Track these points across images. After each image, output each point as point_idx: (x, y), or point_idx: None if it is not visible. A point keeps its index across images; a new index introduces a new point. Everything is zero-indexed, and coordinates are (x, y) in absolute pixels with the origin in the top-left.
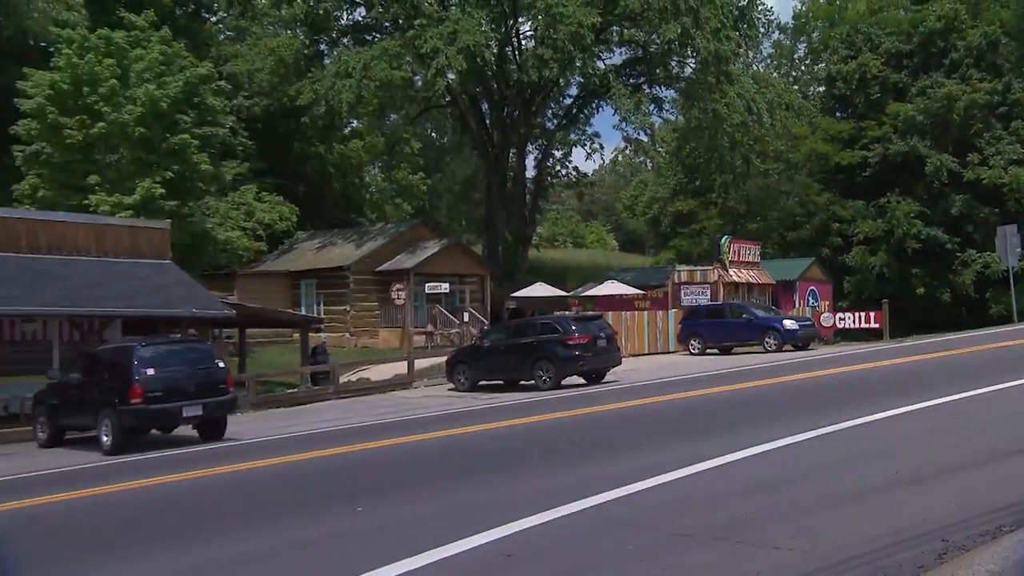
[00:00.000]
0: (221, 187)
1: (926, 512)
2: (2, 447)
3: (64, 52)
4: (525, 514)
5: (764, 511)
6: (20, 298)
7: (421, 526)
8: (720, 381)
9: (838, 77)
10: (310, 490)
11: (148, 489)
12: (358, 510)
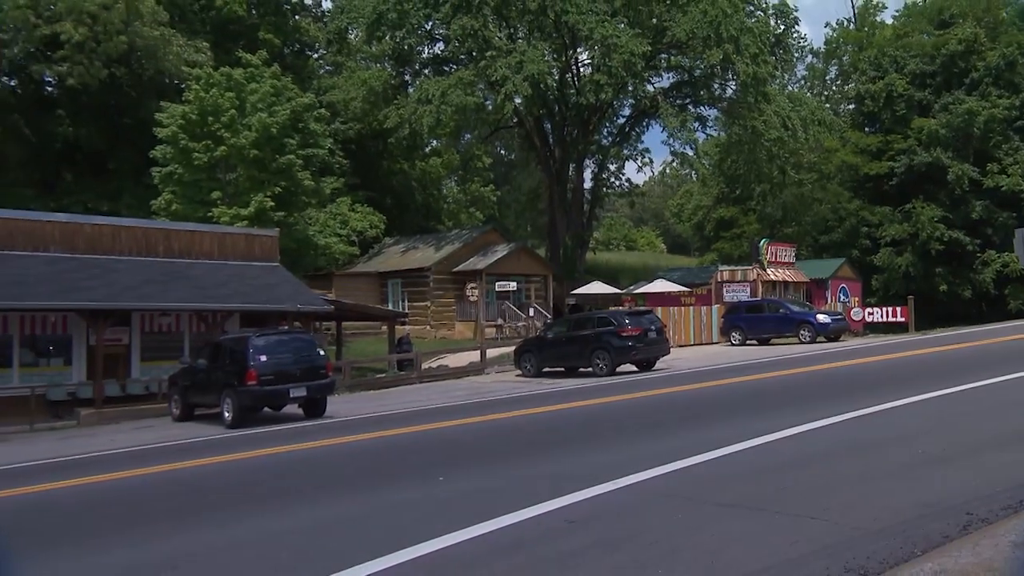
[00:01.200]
0: (321, 200)
1: (951, 488)
2: (144, 420)
3: (193, 88)
4: (586, 486)
5: (802, 485)
6: (157, 295)
7: (494, 495)
8: (760, 369)
9: (866, 96)
10: (398, 462)
11: (263, 458)
12: (439, 480)
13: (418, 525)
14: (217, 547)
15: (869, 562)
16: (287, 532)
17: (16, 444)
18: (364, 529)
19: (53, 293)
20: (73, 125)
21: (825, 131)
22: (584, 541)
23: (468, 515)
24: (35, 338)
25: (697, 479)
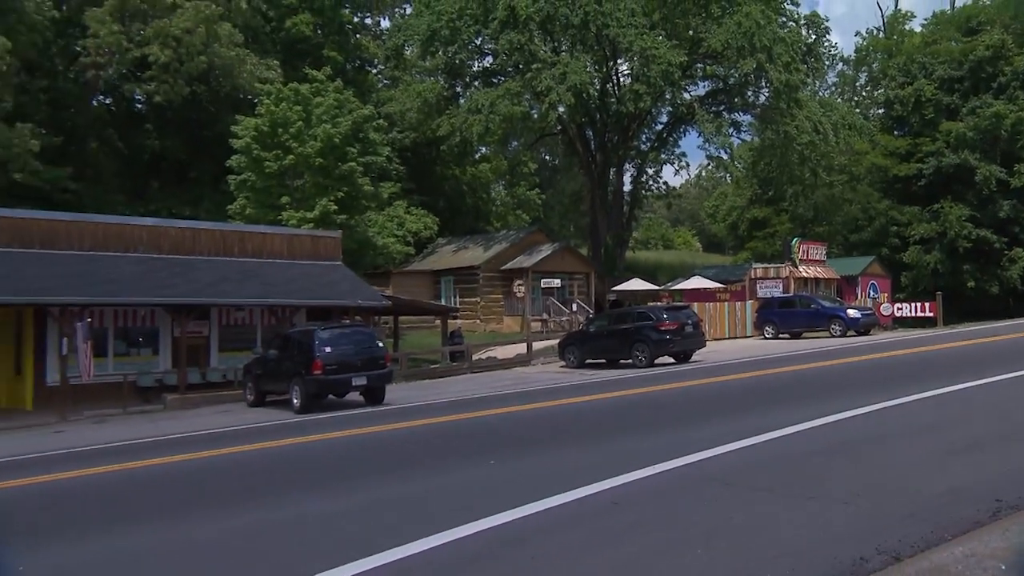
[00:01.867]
0: (379, 203)
1: (981, 476)
2: (222, 405)
3: (264, 102)
4: (629, 469)
5: (833, 472)
6: (233, 292)
7: (543, 478)
8: (792, 361)
9: (895, 101)
10: (452, 446)
11: (329, 441)
12: (491, 463)
13: (473, 505)
14: (288, 521)
15: (900, 545)
16: (352, 509)
17: (112, 425)
18: (422, 507)
19: (142, 290)
20: (159, 138)
21: (855, 135)
22: (628, 520)
23: (519, 496)
24: (127, 330)
25: (732, 465)
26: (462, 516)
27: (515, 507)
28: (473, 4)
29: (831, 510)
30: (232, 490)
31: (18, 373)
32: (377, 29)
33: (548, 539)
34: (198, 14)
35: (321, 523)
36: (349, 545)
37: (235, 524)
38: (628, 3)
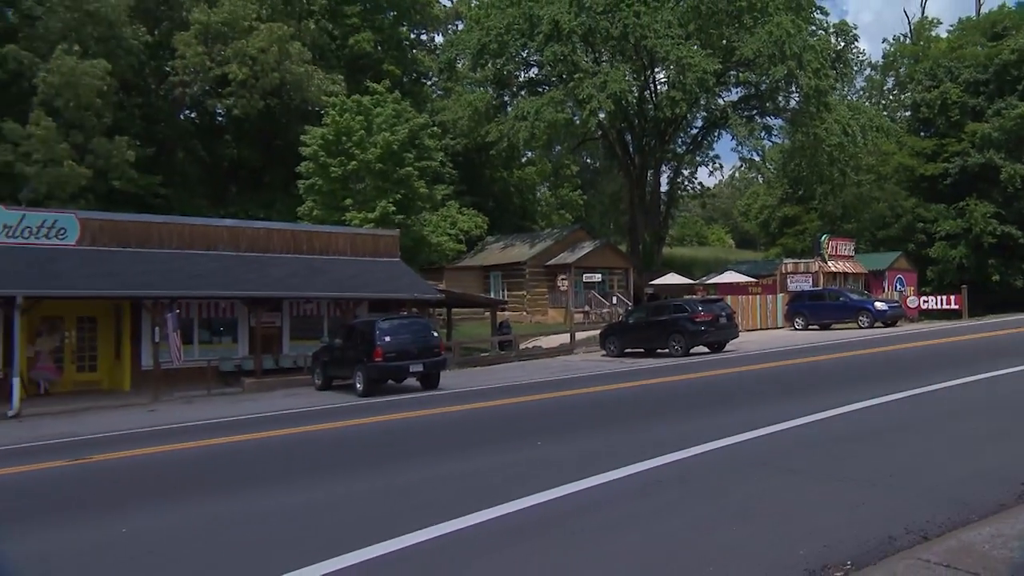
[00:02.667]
0: (433, 204)
1: (1007, 460)
2: (293, 389)
3: (330, 113)
4: (670, 451)
5: (863, 456)
6: (302, 286)
7: (587, 459)
8: (821, 351)
9: (922, 104)
10: (502, 428)
11: (389, 422)
12: (537, 444)
13: (521, 482)
14: (359, 493)
15: (928, 525)
16: (412, 484)
17: (198, 405)
18: (475, 484)
19: (223, 284)
20: (237, 148)
21: (883, 136)
22: (669, 497)
23: (566, 475)
24: (210, 320)
25: (766, 448)
26: (512, 492)
27: (562, 484)
28: (520, 19)
29: (861, 491)
30: (309, 465)
31: (117, 358)
32: (432, 44)
33: (593, 514)
34: (272, 35)
35: (387, 495)
36: (423, 513)
37: (316, 495)
38: (665, 15)
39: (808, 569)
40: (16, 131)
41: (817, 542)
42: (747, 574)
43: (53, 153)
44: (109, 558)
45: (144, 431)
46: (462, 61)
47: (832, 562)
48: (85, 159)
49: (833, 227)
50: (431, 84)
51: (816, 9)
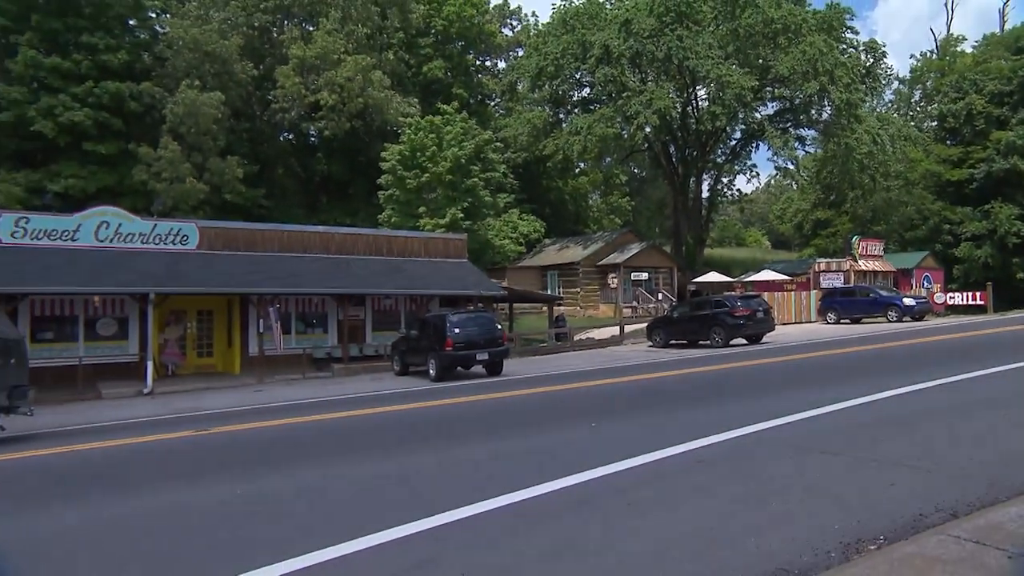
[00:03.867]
0: (497, 211)
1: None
2: (375, 374)
3: (406, 132)
4: (712, 433)
5: (895, 440)
6: (383, 284)
7: (637, 440)
8: (854, 343)
9: (948, 114)
10: (559, 411)
11: (460, 404)
12: (592, 425)
13: (579, 459)
14: (440, 465)
15: (958, 504)
16: (484, 459)
17: (296, 387)
18: (538, 460)
19: (315, 283)
20: (327, 164)
21: (910, 145)
22: (712, 476)
23: (618, 453)
24: (305, 313)
25: (802, 432)
26: (572, 467)
27: (617, 461)
28: (574, 45)
29: (894, 472)
30: (397, 439)
31: (229, 345)
32: (495, 69)
33: (642, 489)
34: (357, 65)
35: (460, 468)
36: (495, 483)
37: (393, 467)
38: (705, 38)
39: (843, 542)
40: (149, 154)
41: (851, 518)
42: (786, 544)
43: (178, 172)
44: (227, 511)
45: (253, 408)
46: (522, 83)
47: (865, 537)
48: (203, 176)
49: (863, 229)
50: (494, 104)
51: (846, 29)
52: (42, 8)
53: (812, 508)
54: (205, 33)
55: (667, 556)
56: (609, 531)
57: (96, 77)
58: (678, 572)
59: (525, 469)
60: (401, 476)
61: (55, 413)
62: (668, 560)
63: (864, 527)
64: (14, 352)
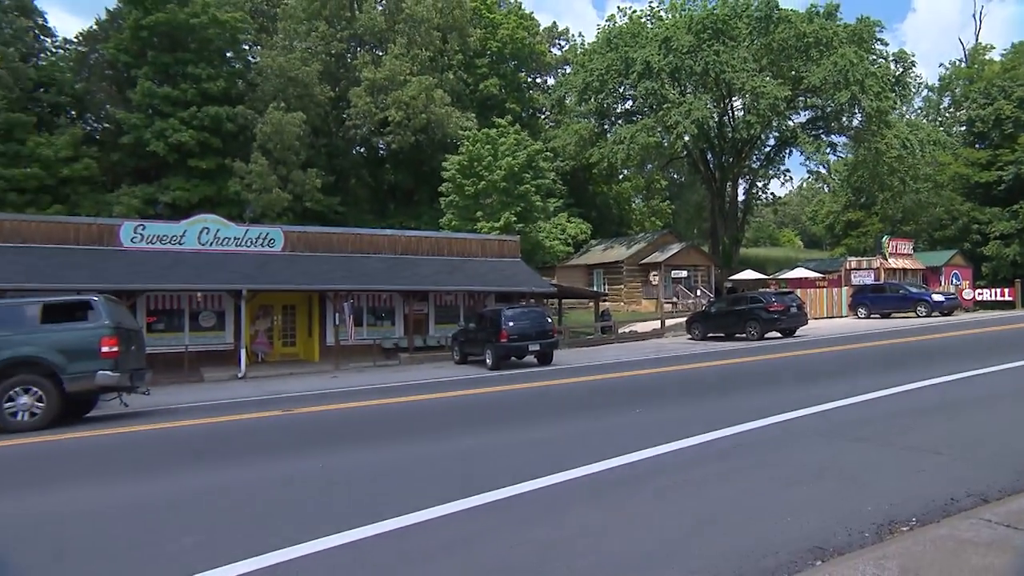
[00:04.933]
0: (547, 215)
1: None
2: (437, 363)
3: (465, 144)
4: (748, 420)
5: (925, 428)
6: (444, 281)
7: (679, 425)
8: (885, 336)
9: (977, 119)
10: (606, 398)
11: (514, 391)
12: (636, 411)
13: (625, 441)
14: (495, 446)
15: (988, 490)
16: (538, 440)
17: (367, 374)
18: (586, 442)
19: (384, 280)
20: (394, 174)
21: (939, 149)
22: (748, 461)
23: (661, 437)
24: (375, 308)
25: (833, 420)
26: (618, 449)
27: (659, 445)
28: (617, 62)
29: (925, 459)
30: (461, 420)
31: (309, 336)
32: (544, 85)
33: (683, 471)
34: (420, 85)
35: (517, 449)
36: (545, 463)
37: (456, 446)
38: (741, 53)
39: (875, 523)
40: (242, 168)
41: (883, 501)
42: (820, 524)
43: (265, 183)
44: (308, 482)
45: (331, 391)
46: (569, 98)
47: (898, 519)
48: (287, 187)
49: (893, 229)
50: (544, 117)
51: (876, 41)
52: (156, 46)
53: (845, 491)
54: (289, 61)
55: (708, 531)
56: (654, 508)
57: (199, 103)
58: (718, 545)
59: (575, 450)
60: (464, 453)
61: (167, 393)
62: (708, 534)
63: (896, 510)
64: (134, 340)
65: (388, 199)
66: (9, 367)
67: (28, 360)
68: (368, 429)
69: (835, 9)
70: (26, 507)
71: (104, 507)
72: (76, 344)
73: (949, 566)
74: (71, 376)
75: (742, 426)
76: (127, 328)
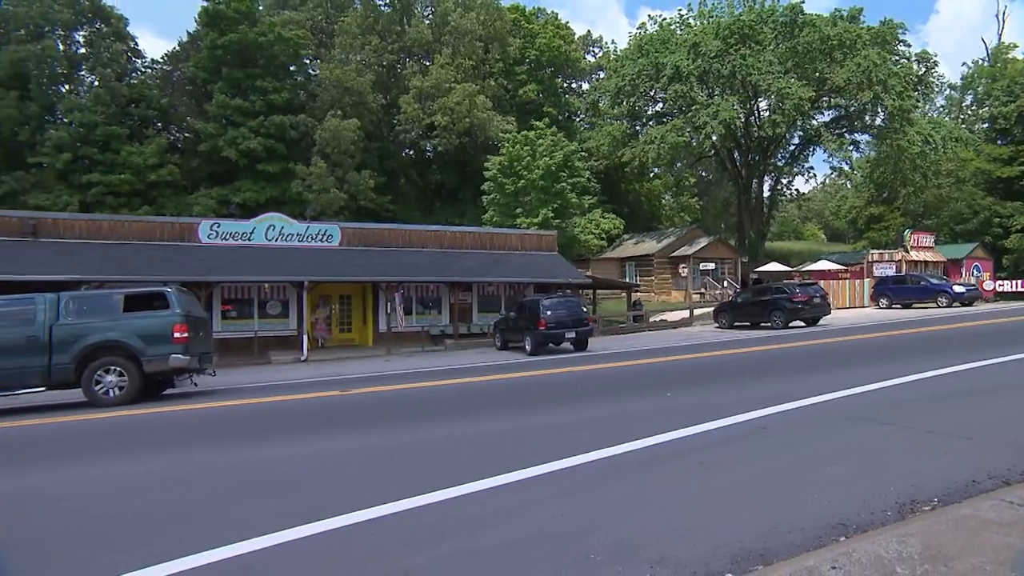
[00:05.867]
0: (582, 211)
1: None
2: (480, 349)
3: (505, 146)
4: (774, 404)
5: (948, 414)
6: (487, 273)
7: (709, 408)
8: (906, 326)
9: (999, 116)
10: (638, 381)
11: (552, 375)
12: (668, 395)
13: (656, 423)
14: (535, 427)
15: (1009, 473)
16: (573, 422)
17: (416, 358)
18: (622, 423)
19: (431, 272)
20: (440, 174)
21: (961, 145)
22: (775, 441)
23: (691, 419)
24: (423, 297)
25: (859, 404)
26: (651, 430)
27: (690, 426)
28: (648, 67)
29: (948, 443)
30: (502, 401)
31: (364, 323)
32: (579, 90)
33: (713, 451)
34: (464, 92)
35: (559, 429)
36: (584, 443)
37: (506, 425)
38: (767, 56)
39: (898, 503)
40: (303, 171)
41: (906, 482)
42: (844, 502)
43: (324, 184)
44: (369, 456)
45: (384, 374)
46: (603, 101)
47: (920, 499)
48: (343, 187)
49: (915, 223)
50: (579, 120)
51: (899, 42)
52: (230, 62)
53: (868, 472)
54: (345, 73)
55: (736, 506)
56: (684, 485)
57: (266, 112)
58: (746, 519)
59: (612, 431)
60: (509, 432)
61: (240, 374)
62: (736, 509)
63: (918, 490)
64: (202, 327)
65: (434, 197)
66: (96, 350)
67: (113, 344)
68: (420, 408)
69: (858, 13)
70: (112, 472)
71: (188, 473)
72: (153, 330)
73: (971, 544)
74: (148, 358)
75: (767, 409)
76: (196, 316)
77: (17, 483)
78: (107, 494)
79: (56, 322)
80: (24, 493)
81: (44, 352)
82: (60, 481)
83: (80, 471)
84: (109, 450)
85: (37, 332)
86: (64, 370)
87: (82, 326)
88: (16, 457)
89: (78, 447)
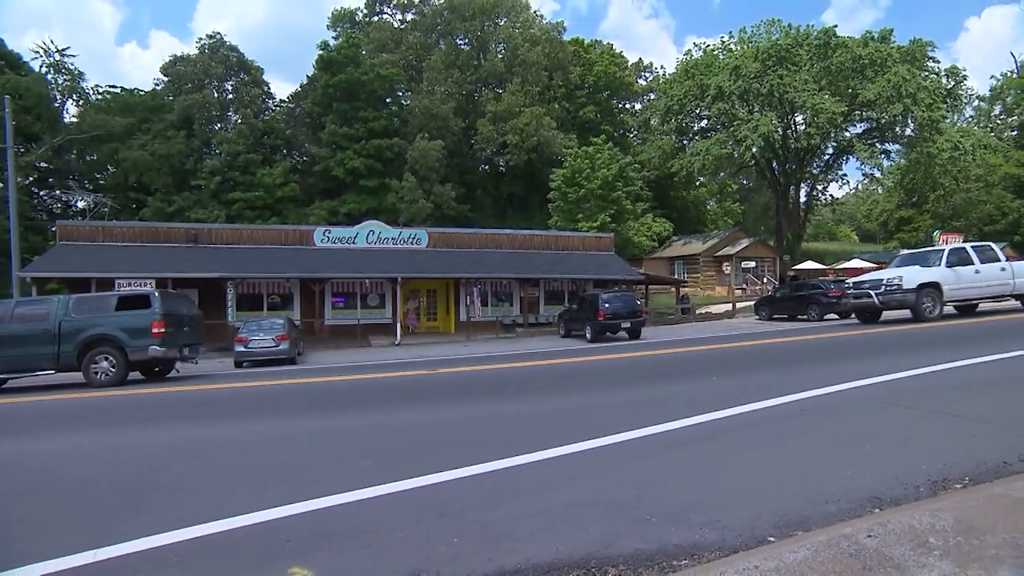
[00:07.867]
0: (635, 216)
1: None
2: (546, 336)
3: (567, 159)
4: (812, 388)
5: (980, 398)
6: (551, 271)
7: (751, 391)
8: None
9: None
10: (687, 367)
11: (610, 359)
12: (713, 379)
13: (702, 404)
14: (596, 403)
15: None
16: (631, 401)
17: (492, 344)
18: (669, 404)
19: (504, 270)
20: (511, 186)
21: (990, 152)
22: (812, 423)
23: (734, 401)
24: (497, 292)
25: (891, 390)
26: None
27: (732, 407)
28: (694, 88)
29: (976, 426)
30: (566, 383)
31: (447, 314)
32: (633, 110)
33: (754, 429)
34: (532, 114)
35: (623, 407)
36: (638, 419)
37: (561, 404)
38: (802, 75)
39: (930, 480)
40: (397, 185)
41: (936, 462)
42: (877, 478)
43: (414, 196)
44: (452, 425)
45: (465, 357)
46: (654, 119)
47: (951, 477)
48: (430, 198)
49: (943, 225)
50: (633, 136)
51: (928, 59)
52: (339, 98)
53: (901, 451)
54: (432, 102)
55: (774, 479)
56: (729, 459)
57: (367, 137)
58: (783, 492)
59: (661, 409)
60: (573, 409)
61: (355, 354)
62: (775, 482)
63: (950, 469)
64: (187, 323)
65: (507, 206)
66: (93, 342)
67: (105, 337)
68: (497, 386)
69: (889, 33)
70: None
71: (294, 432)
72: (135, 325)
73: (1004, 520)
74: (132, 348)
75: (805, 393)
76: (180, 314)
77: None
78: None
79: (64, 319)
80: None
81: (55, 343)
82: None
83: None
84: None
85: (50, 326)
86: (69, 357)
87: (83, 322)
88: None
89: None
